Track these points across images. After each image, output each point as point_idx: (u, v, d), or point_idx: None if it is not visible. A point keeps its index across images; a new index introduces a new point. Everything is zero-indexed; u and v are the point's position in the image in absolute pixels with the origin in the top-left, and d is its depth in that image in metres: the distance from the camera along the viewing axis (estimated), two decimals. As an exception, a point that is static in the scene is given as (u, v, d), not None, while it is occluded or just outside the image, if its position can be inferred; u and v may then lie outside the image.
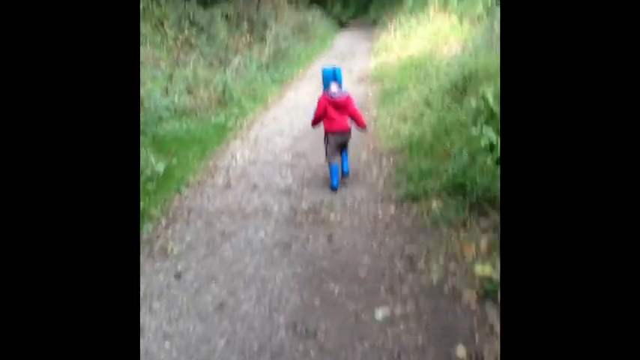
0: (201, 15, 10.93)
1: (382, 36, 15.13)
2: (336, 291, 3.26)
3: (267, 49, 11.29)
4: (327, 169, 5.40)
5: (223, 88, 7.86)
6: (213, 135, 6.69)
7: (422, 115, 6.61)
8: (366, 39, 18.01)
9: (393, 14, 18.65)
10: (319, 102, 4.82)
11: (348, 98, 4.81)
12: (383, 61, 11.67)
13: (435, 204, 4.21)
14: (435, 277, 3.30)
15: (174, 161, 5.32)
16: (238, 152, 6.27)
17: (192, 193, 4.96)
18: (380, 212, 4.34)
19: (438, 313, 2.97)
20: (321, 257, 3.66)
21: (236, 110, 7.77)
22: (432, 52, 10.22)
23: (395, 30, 14.52)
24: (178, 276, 3.47)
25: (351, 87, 9.22)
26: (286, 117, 8.02)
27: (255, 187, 5.10)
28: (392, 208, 4.38)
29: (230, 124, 7.24)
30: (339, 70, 4.95)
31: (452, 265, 3.40)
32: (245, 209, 4.56)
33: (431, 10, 13.62)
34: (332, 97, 4.76)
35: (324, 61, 13.86)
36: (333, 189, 4.87)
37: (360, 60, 12.98)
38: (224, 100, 7.86)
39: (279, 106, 8.92)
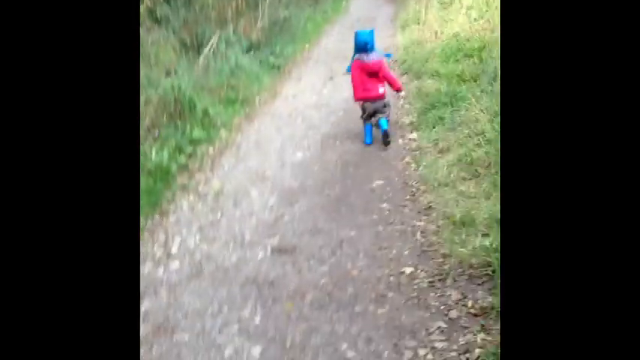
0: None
1: (410, 1, 11.98)
2: None
3: (260, 21, 8.34)
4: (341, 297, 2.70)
5: (176, 95, 5.00)
6: (142, 192, 3.92)
7: (505, 167, 3.78)
8: (388, 2, 14.83)
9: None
10: (352, 69, 4.74)
11: (380, 62, 4.69)
12: (415, 40, 8.67)
13: None
14: None
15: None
16: (180, 235, 3.52)
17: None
18: None
19: None
20: None
21: (197, 132, 4.94)
22: (490, 33, 7.21)
23: (428, -6, 11.38)
24: None
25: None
26: (277, 137, 5.22)
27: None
28: None
29: (181, 162, 4.45)
30: (372, 35, 4.73)
31: None
32: None
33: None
34: (363, 62, 4.64)
35: (337, 34, 10.85)
36: (366, 144, 4.78)
37: (384, 33, 9.95)
38: (178, 113, 5.03)
39: (269, 112, 6.09)
